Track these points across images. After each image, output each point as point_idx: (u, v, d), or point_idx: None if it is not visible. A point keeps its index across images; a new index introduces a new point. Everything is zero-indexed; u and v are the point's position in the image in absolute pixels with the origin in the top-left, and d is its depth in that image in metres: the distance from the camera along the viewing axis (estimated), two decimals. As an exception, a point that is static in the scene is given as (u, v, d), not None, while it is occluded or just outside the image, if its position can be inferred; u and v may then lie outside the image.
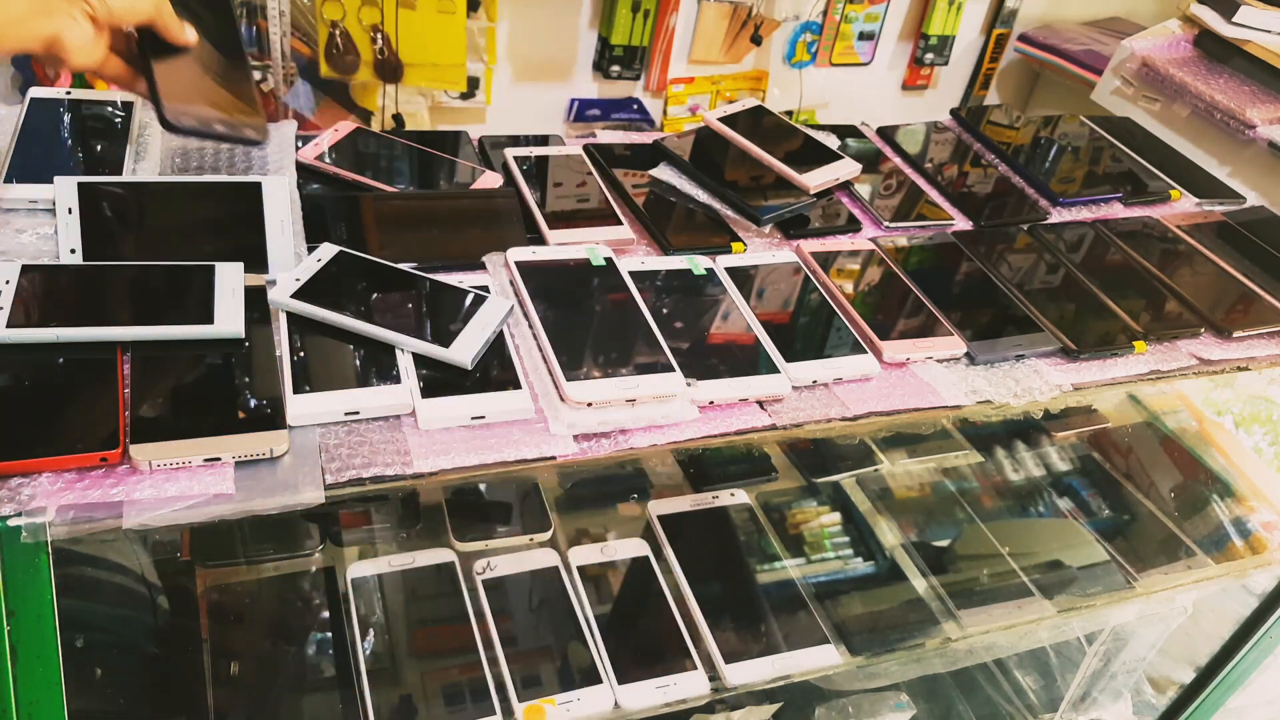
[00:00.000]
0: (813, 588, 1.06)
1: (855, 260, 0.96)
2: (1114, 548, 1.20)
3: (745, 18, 1.69)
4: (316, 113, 1.48)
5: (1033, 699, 1.45)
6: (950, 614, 1.08)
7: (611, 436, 0.72)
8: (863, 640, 1.01)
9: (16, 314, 0.67)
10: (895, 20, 1.84)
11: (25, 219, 0.78)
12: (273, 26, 1.34)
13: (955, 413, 0.83)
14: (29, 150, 0.83)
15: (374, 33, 1.39)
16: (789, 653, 0.97)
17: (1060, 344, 0.90)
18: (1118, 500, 1.30)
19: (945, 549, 1.19)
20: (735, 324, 0.84)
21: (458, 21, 1.45)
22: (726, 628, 0.97)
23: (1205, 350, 0.95)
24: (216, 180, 0.84)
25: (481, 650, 0.92)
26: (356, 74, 1.42)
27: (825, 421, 0.78)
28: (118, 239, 0.77)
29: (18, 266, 0.70)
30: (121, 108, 0.90)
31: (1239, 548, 1.26)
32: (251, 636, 0.94)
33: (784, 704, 1.19)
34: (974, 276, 0.98)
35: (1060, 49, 1.79)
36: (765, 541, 1.11)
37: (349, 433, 0.67)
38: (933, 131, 1.24)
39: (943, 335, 0.88)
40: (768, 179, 1.02)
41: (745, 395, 0.77)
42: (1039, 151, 1.23)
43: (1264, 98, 1.41)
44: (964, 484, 1.28)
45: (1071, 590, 1.14)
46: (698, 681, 0.93)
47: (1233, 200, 1.21)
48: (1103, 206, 1.15)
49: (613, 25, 1.61)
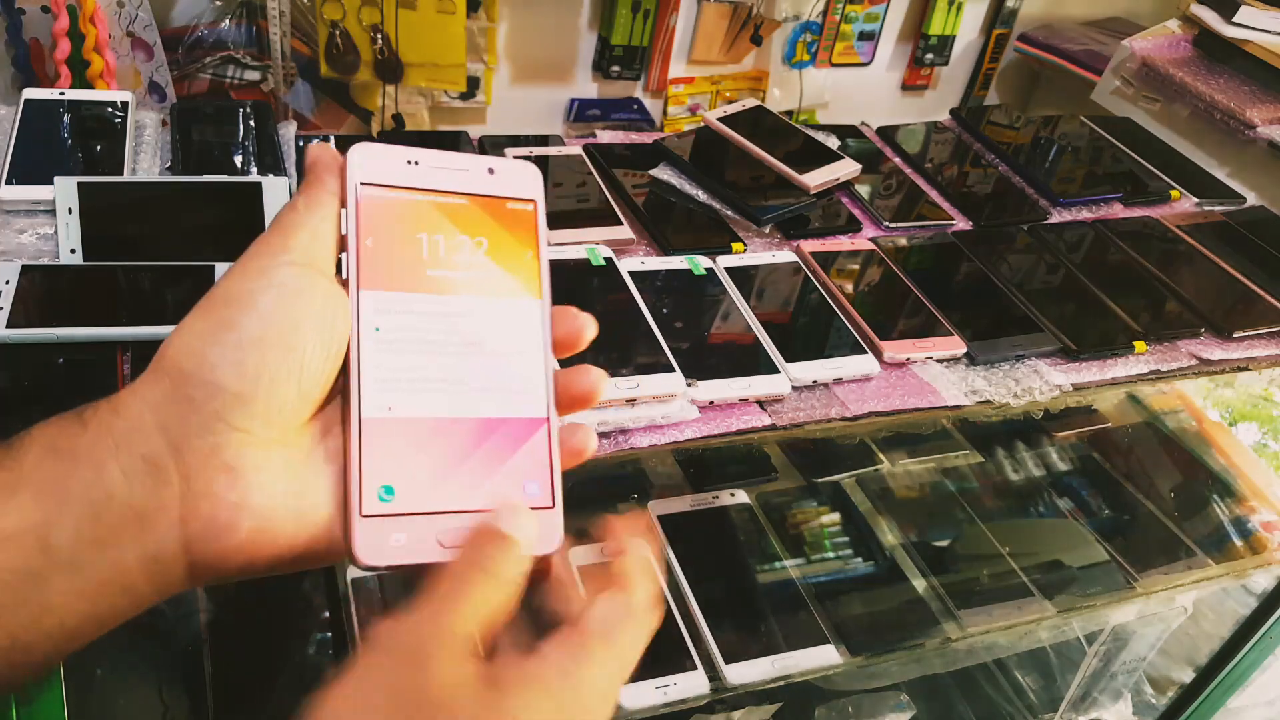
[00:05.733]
0: (813, 588, 1.06)
1: (855, 260, 0.96)
2: (1114, 548, 1.20)
3: (745, 18, 1.69)
4: (316, 113, 1.48)
5: (1033, 699, 1.45)
6: (950, 614, 1.08)
7: (611, 436, 0.72)
8: (863, 640, 1.01)
9: (16, 314, 0.67)
10: (895, 20, 1.84)
11: (25, 219, 0.78)
12: (273, 26, 1.34)
13: (955, 413, 0.83)
14: (28, 150, 0.83)
15: (374, 33, 1.39)
16: (789, 653, 0.97)
17: (1060, 344, 0.90)
18: (1118, 500, 1.30)
19: (945, 549, 1.19)
20: (735, 324, 0.84)
21: (458, 21, 1.45)
22: (726, 628, 0.97)
23: (1205, 350, 0.95)
24: (216, 180, 0.84)
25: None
26: (356, 74, 1.42)
27: (825, 421, 0.78)
28: (118, 239, 0.77)
29: (18, 266, 0.70)
30: (120, 107, 0.90)
31: (1239, 548, 1.26)
32: (251, 637, 0.94)
33: (784, 704, 1.19)
34: (974, 276, 0.98)
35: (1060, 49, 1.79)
36: (765, 541, 1.11)
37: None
38: (933, 131, 1.24)
39: (943, 335, 0.88)
40: (768, 179, 1.02)
41: (745, 395, 0.77)
42: (1039, 151, 1.23)
43: (1264, 98, 1.41)
44: (964, 484, 1.28)
45: (1071, 590, 1.14)
46: (698, 681, 0.93)
47: (1233, 200, 1.21)
48: (1103, 206, 1.15)
49: (613, 25, 1.61)
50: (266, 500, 0.31)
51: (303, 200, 0.35)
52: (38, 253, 0.76)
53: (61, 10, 1.08)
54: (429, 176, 0.37)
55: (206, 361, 0.31)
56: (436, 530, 0.34)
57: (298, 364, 0.32)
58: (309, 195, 0.35)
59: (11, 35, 1.20)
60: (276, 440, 0.32)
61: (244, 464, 0.31)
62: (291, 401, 0.32)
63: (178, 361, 0.31)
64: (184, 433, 0.30)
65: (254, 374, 0.31)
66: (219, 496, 0.31)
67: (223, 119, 0.93)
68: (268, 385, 0.31)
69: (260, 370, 0.31)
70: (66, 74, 1.11)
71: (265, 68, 1.39)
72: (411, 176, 0.37)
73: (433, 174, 0.37)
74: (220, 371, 0.31)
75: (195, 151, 0.89)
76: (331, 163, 0.36)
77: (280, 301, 0.32)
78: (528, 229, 0.39)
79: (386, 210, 0.36)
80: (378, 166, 0.36)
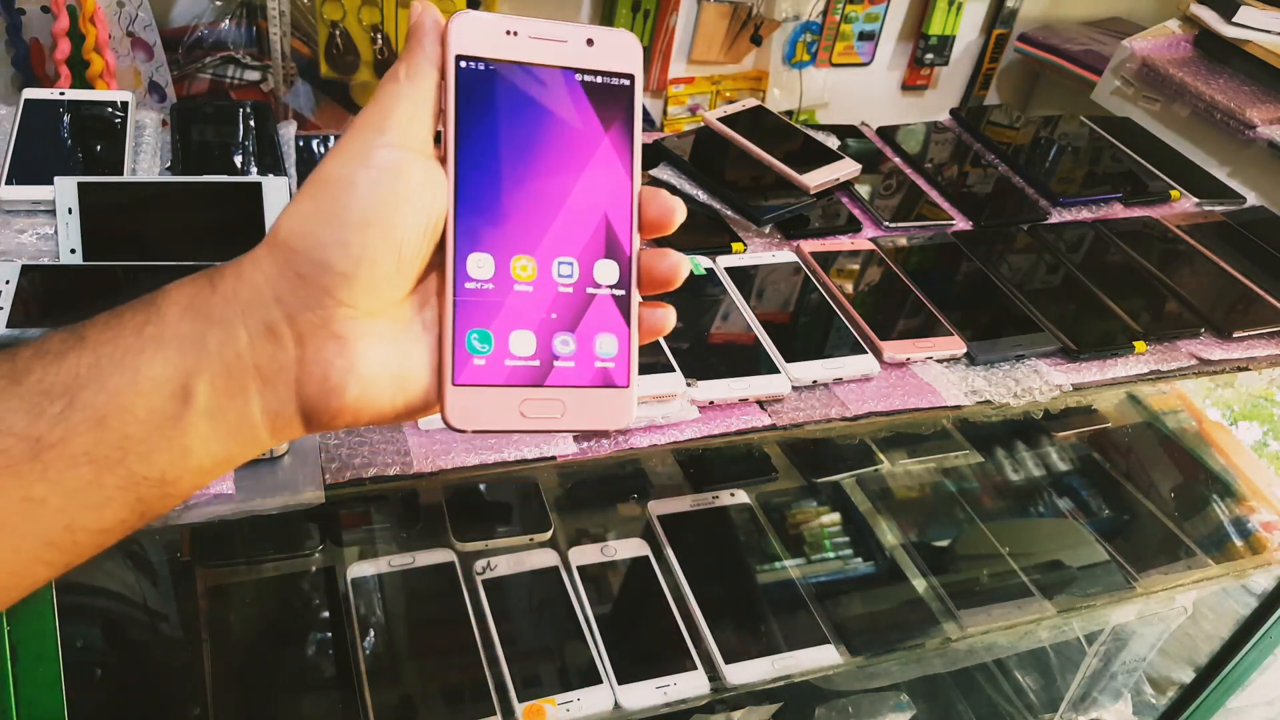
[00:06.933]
0: (813, 588, 1.06)
1: (855, 260, 0.96)
2: (1114, 548, 1.20)
3: (745, 18, 1.69)
4: (316, 113, 1.48)
5: (1033, 699, 1.45)
6: (950, 614, 1.08)
7: (611, 436, 0.72)
8: (863, 640, 1.01)
9: (16, 314, 0.67)
10: (895, 20, 1.84)
11: (25, 219, 0.78)
12: (273, 26, 1.34)
13: (955, 413, 0.83)
14: (28, 150, 0.83)
15: (374, 33, 1.39)
16: (789, 653, 0.97)
17: (1060, 344, 0.90)
18: (1118, 500, 1.29)
19: (945, 549, 1.19)
20: (735, 324, 0.84)
21: (458, 21, 1.45)
22: (726, 628, 0.97)
23: (1205, 350, 0.95)
24: (216, 180, 0.84)
25: (481, 650, 0.92)
26: (356, 74, 1.42)
27: (825, 421, 0.78)
28: (118, 239, 0.77)
29: (18, 266, 0.70)
30: (120, 107, 0.90)
31: (1239, 548, 1.26)
32: (251, 637, 0.94)
33: (784, 704, 1.19)
34: (974, 276, 0.98)
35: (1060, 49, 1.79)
36: (765, 541, 1.11)
37: (349, 433, 0.67)
38: (933, 131, 1.24)
39: (943, 335, 0.88)
40: (768, 179, 1.02)
41: (745, 395, 0.77)
42: (1039, 151, 1.23)
43: (1264, 98, 1.41)
44: (964, 484, 1.28)
45: (1071, 590, 1.14)
46: (698, 681, 0.93)
47: (1233, 200, 1.21)
48: (1103, 206, 1.15)
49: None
50: (370, 367, 0.35)
51: (404, 69, 0.36)
52: (38, 253, 0.76)
53: (61, 10, 1.08)
54: (527, 48, 0.38)
55: (313, 241, 0.34)
56: (521, 400, 0.37)
57: (396, 243, 0.35)
58: (410, 63, 0.37)
59: (11, 35, 1.20)
60: (379, 312, 0.35)
61: (350, 334, 0.34)
62: (391, 276, 0.35)
63: (289, 240, 0.34)
64: (296, 305, 0.34)
65: (357, 254, 0.34)
66: (329, 362, 0.34)
67: (223, 119, 0.93)
68: (369, 264, 0.34)
69: (362, 250, 0.34)
70: (66, 74, 1.11)
71: (265, 68, 1.39)
72: (510, 48, 0.37)
73: (531, 45, 0.38)
74: (326, 251, 0.34)
75: (195, 151, 0.89)
76: (433, 28, 0.37)
77: (379, 184, 0.34)
78: (624, 105, 0.39)
79: (484, 84, 0.37)
80: (476, 37, 0.37)
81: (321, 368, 0.34)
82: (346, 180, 0.34)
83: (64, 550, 0.33)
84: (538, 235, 0.37)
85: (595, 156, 0.38)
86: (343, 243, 0.34)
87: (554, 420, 0.37)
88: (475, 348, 0.36)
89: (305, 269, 0.34)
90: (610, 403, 0.38)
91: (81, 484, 0.32)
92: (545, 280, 0.37)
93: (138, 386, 0.32)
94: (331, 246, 0.34)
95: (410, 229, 0.35)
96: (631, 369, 0.39)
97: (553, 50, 0.38)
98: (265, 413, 0.34)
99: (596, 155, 0.38)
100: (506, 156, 0.37)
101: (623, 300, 0.38)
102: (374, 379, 0.35)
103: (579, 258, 0.38)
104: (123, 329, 0.33)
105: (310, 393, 0.34)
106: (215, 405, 0.33)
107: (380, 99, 0.36)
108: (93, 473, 0.32)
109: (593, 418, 0.38)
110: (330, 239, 0.34)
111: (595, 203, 0.38)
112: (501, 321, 0.37)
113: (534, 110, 0.38)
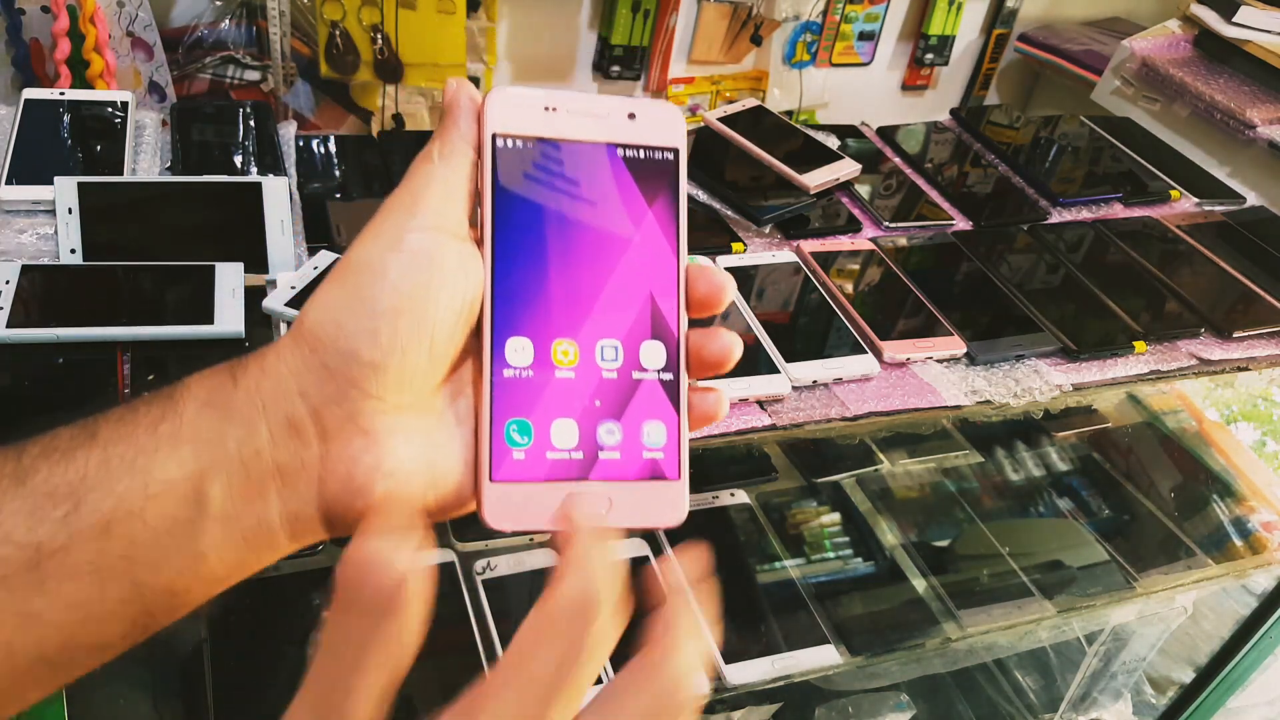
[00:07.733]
0: (813, 588, 1.06)
1: (855, 260, 0.96)
2: (1114, 548, 1.20)
3: (745, 18, 1.69)
4: (316, 113, 1.48)
5: (1033, 699, 1.45)
6: (950, 614, 1.08)
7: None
8: (863, 640, 1.01)
9: (16, 314, 0.67)
10: (895, 20, 1.84)
11: (25, 219, 0.78)
12: (273, 26, 1.34)
13: (955, 413, 0.83)
14: (28, 150, 0.83)
15: (374, 33, 1.39)
16: (789, 653, 0.97)
17: (1060, 344, 0.90)
18: (1118, 500, 1.30)
19: (945, 549, 1.19)
20: (735, 324, 0.84)
21: (458, 21, 1.45)
22: (726, 628, 0.97)
23: (1205, 350, 0.95)
24: (216, 180, 0.84)
25: (481, 650, 0.92)
26: (356, 74, 1.42)
27: (825, 421, 0.78)
28: (118, 239, 0.77)
29: (18, 266, 0.70)
30: (120, 107, 0.90)
31: (1239, 548, 1.26)
32: (252, 637, 0.94)
33: (784, 704, 1.19)
34: (974, 276, 0.98)
35: (1060, 49, 1.79)
36: (765, 541, 1.11)
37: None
38: (933, 131, 1.24)
39: (943, 335, 0.88)
40: (768, 179, 1.02)
41: (745, 395, 0.77)
42: (1039, 151, 1.23)
43: (1264, 98, 1.41)
44: (964, 484, 1.28)
45: (1071, 590, 1.14)
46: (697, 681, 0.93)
47: (1233, 200, 1.21)
48: (1103, 206, 1.15)
49: (613, 25, 1.61)
50: (400, 463, 0.32)
51: (438, 148, 0.34)
52: (38, 253, 0.76)
53: (61, 10, 1.08)
54: (566, 124, 0.36)
55: (342, 330, 0.31)
56: (563, 497, 0.34)
57: (429, 330, 0.32)
58: (444, 143, 0.35)
59: (11, 35, 1.20)
60: (409, 405, 0.33)
61: (378, 428, 0.32)
62: (423, 366, 0.32)
63: (314, 329, 0.32)
64: (322, 398, 0.31)
65: (387, 343, 0.31)
66: (354, 459, 0.31)
67: (223, 119, 0.93)
68: (400, 353, 0.32)
69: (393, 340, 0.31)
70: (66, 74, 1.11)
71: (265, 68, 1.39)
72: (549, 125, 0.36)
73: (570, 121, 0.36)
74: (354, 341, 0.31)
75: (195, 151, 0.89)
76: (470, 106, 0.35)
77: (411, 269, 0.32)
78: (667, 178, 0.37)
79: (522, 162, 0.35)
80: (514, 115, 0.35)
81: (346, 465, 0.31)
82: (376, 266, 0.32)
83: (59, 669, 0.30)
84: (579, 318, 0.35)
85: (639, 233, 0.36)
86: (372, 331, 0.31)
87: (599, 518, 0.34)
88: (514, 440, 0.33)
89: (331, 360, 0.31)
90: (660, 497, 0.35)
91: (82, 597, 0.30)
92: (588, 365, 0.35)
93: (148, 490, 0.30)
94: (360, 335, 0.31)
95: (444, 315, 0.32)
96: (682, 460, 0.36)
97: (593, 125, 0.36)
98: (284, 515, 0.32)
99: (640, 232, 0.36)
100: (546, 236, 0.35)
101: (671, 385, 0.36)
102: (403, 477, 0.32)
103: (624, 340, 0.35)
104: (137, 425, 0.31)
105: (333, 492, 0.32)
106: (231, 509, 0.31)
107: (412, 180, 0.34)
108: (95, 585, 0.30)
109: (641, 514, 0.35)
110: (358, 328, 0.31)
111: (640, 282, 0.36)
112: (542, 411, 0.34)
113: (574, 187, 0.36)
